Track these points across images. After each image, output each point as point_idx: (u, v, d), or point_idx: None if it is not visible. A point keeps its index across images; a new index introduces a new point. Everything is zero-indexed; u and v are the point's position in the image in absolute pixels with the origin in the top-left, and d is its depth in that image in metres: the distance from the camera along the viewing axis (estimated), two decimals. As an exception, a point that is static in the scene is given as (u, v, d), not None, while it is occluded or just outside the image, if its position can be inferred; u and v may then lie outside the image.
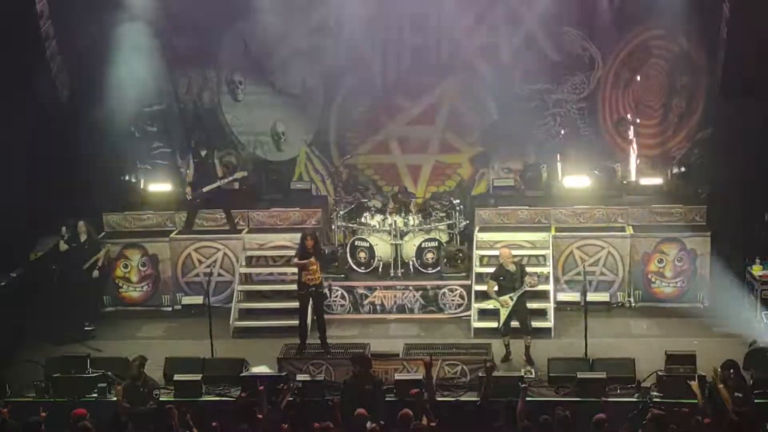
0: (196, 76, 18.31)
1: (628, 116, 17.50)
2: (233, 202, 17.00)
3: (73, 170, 16.81)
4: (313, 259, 14.20)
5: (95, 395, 13.15)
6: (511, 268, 14.14)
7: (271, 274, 16.46)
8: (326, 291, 15.13)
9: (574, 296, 15.51)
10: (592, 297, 15.06)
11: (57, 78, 16.44)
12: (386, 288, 16.00)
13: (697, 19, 16.71)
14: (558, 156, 17.42)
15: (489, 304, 14.47)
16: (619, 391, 12.94)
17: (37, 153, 16.21)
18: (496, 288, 14.17)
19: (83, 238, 15.69)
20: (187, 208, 16.86)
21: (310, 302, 14.49)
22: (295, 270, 14.81)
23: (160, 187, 17.72)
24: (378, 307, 15.99)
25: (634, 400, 12.73)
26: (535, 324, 14.63)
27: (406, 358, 13.69)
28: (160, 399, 12.57)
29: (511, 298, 14.00)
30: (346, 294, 15.95)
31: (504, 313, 14.04)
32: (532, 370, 13.61)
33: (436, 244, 16.18)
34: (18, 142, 15.84)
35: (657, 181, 17.28)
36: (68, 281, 15.51)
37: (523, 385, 11.86)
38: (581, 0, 17.37)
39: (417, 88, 18.10)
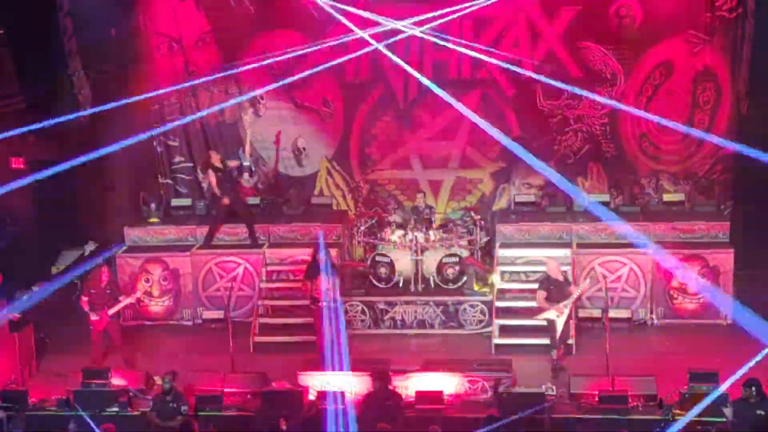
0: (217, 91, 18.41)
1: None
2: (255, 217, 17.03)
3: (95, 184, 16.91)
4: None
5: (116, 409, 13.16)
6: (560, 277, 14.15)
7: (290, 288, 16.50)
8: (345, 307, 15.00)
9: (595, 312, 15.42)
10: (613, 313, 14.96)
11: (79, 93, 16.55)
12: (407, 303, 15.96)
13: (720, 35, 16.69)
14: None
15: (542, 317, 14.31)
16: (641, 409, 12.84)
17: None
18: (544, 296, 14.12)
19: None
20: (211, 222, 16.89)
21: (326, 318, 14.48)
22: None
23: (181, 201, 17.80)
24: (398, 323, 15.95)
25: (657, 417, 12.63)
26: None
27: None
28: (186, 414, 12.57)
29: (565, 306, 13.99)
30: (366, 309, 15.93)
31: (561, 323, 14.01)
32: (553, 387, 13.52)
33: (456, 259, 16.14)
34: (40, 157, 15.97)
35: (680, 197, 17.19)
36: None
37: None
38: (602, 15, 17.38)
39: (438, 104, 18.12)
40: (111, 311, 14.52)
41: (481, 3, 16.07)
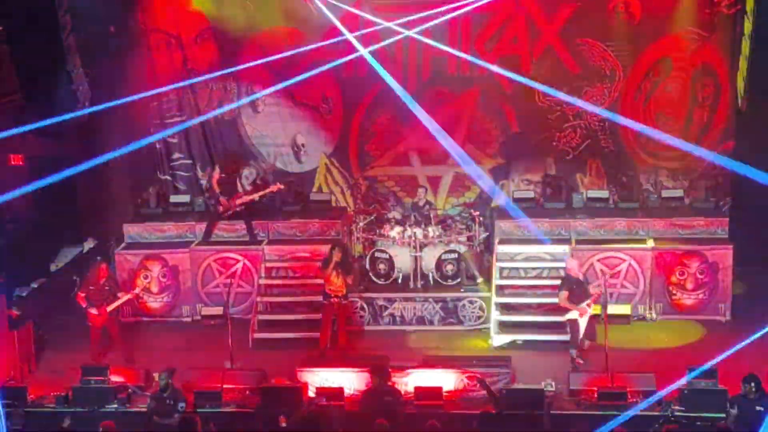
0: (216, 88, 18.39)
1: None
2: (254, 214, 17.02)
3: (94, 181, 16.89)
4: (333, 271, 14.27)
5: (115, 406, 13.17)
6: (580, 276, 14.18)
7: (290, 285, 16.49)
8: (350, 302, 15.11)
9: (595, 309, 15.42)
10: (612, 310, 14.96)
11: (78, 90, 16.55)
12: (406, 300, 15.97)
13: (719, 31, 16.68)
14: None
15: (568, 316, 14.32)
16: (639, 405, 12.84)
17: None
18: (567, 296, 14.13)
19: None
20: (209, 219, 16.90)
21: (334, 313, 14.57)
22: (316, 281, 14.87)
23: (180, 198, 17.81)
24: (397, 319, 15.96)
25: (656, 414, 12.63)
26: (556, 337, 14.61)
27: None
28: (184, 411, 12.55)
29: (588, 305, 14.01)
30: (365, 306, 15.93)
31: (583, 323, 14.03)
32: (552, 383, 13.52)
33: (455, 255, 16.14)
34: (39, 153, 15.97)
35: (679, 193, 17.20)
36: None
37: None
38: (601, 11, 17.36)
39: (437, 100, 18.10)
40: (110, 308, 14.53)
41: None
